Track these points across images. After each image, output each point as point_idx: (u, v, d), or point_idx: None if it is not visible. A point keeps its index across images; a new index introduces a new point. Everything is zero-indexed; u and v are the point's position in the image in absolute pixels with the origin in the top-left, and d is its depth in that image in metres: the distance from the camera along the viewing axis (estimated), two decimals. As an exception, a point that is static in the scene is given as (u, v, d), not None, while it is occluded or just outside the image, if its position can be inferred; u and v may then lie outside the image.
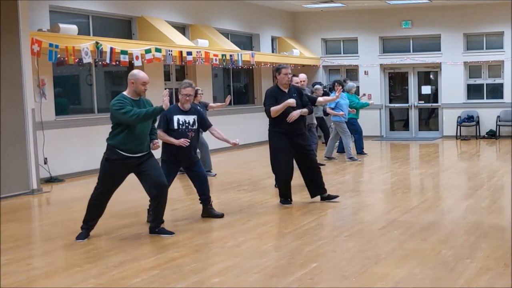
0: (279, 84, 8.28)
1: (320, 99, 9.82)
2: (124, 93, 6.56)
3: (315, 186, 8.48)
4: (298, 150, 8.26)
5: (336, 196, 8.60)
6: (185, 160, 7.46)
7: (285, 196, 8.46)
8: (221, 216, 7.67)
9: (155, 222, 6.80)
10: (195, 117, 7.49)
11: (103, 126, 6.59)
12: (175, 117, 7.39)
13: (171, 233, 6.80)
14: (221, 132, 7.74)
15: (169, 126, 7.38)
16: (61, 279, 5.38)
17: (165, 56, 12.64)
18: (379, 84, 19.13)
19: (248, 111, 17.55)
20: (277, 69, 8.31)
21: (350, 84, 14.61)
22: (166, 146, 7.41)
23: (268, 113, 8.22)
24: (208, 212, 7.68)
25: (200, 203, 7.71)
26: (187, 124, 7.40)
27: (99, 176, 6.63)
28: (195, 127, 7.48)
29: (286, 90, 8.25)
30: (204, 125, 7.62)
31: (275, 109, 8.12)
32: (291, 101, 8.08)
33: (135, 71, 6.65)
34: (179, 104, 7.48)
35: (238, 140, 7.68)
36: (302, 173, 8.50)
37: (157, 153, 7.56)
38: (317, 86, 13.99)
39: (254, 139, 17.42)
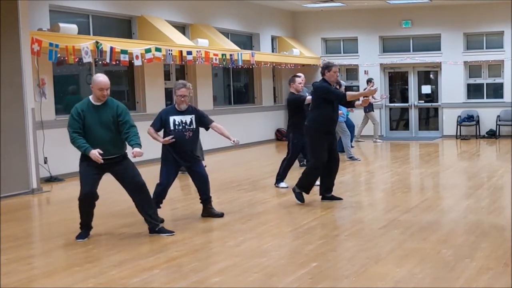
0: (329, 81, 8.30)
1: (309, 97, 9.68)
2: (90, 97, 6.61)
3: (326, 186, 8.51)
4: (329, 147, 8.36)
5: (340, 198, 8.59)
6: (183, 160, 7.46)
7: (307, 188, 8.35)
8: (221, 215, 7.67)
9: (152, 223, 6.78)
10: (192, 116, 7.44)
11: (103, 125, 6.58)
12: (171, 118, 7.36)
13: (171, 232, 6.79)
14: (222, 127, 7.66)
15: (165, 127, 7.39)
16: (61, 278, 5.38)
17: (165, 55, 12.63)
18: (379, 83, 19.10)
19: (248, 111, 17.55)
20: (326, 66, 8.30)
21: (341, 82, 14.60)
22: (164, 146, 7.41)
23: (343, 97, 8.26)
24: (208, 212, 7.68)
25: (201, 202, 7.70)
26: (183, 124, 7.36)
27: (79, 178, 6.63)
28: (193, 126, 7.42)
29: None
30: (204, 123, 7.56)
31: (352, 94, 8.39)
32: (368, 92, 8.49)
33: (95, 75, 6.65)
34: (175, 105, 7.47)
35: (238, 139, 7.67)
36: (324, 170, 8.51)
37: (157, 153, 7.58)
38: None
39: (254, 138, 17.43)
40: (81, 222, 6.72)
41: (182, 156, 7.41)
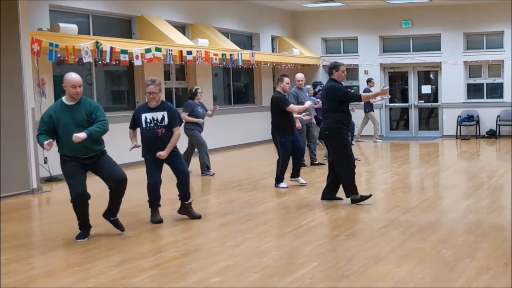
0: (338, 80, 8.31)
1: (292, 106, 9.57)
2: (63, 97, 6.60)
3: (332, 189, 8.46)
4: None
5: (340, 198, 8.55)
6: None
7: (355, 190, 8.22)
8: (198, 217, 7.56)
9: (110, 212, 6.80)
10: (164, 113, 7.33)
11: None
12: (143, 116, 7.32)
13: (122, 229, 6.86)
14: (173, 139, 7.34)
15: (139, 125, 7.37)
16: (61, 278, 5.38)
17: (165, 55, 12.63)
18: (379, 83, 19.06)
19: (248, 111, 17.54)
20: (334, 66, 8.32)
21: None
22: (143, 145, 7.40)
23: (359, 98, 8.54)
24: (186, 211, 7.59)
25: (179, 199, 7.62)
26: (155, 122, 7.29)
27: (66, 180, 6.62)
28: (165, 123, 7.31)
29: None
30: (169, 122, 7.33)
31: (366, 95, 8.83)
32: (381, 92, 8.63)
33: (67, 74, 6.63)
34: (148, 102, 7.43)
35: (162, 154, 7.26)
36: (331, 171, 8.43)
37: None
38: (308, 86, 13.61)
39: (254, 138, 17.42)
40: (79, 223, 6.74)
41: (156, 152, 7.31)
